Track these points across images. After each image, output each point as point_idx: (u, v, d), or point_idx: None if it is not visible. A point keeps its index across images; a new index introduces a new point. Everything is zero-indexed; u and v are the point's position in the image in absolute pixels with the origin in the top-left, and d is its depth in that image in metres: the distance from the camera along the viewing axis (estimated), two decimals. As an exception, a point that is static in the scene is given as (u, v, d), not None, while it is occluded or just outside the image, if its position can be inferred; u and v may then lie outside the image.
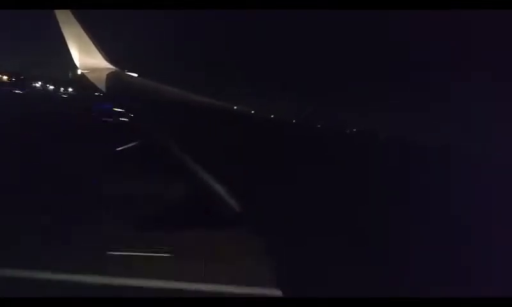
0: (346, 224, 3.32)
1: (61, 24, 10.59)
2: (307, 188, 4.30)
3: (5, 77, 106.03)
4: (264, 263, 2.99)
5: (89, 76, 11.94)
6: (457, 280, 2.56)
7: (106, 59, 11.91)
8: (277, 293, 2.35)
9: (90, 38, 11.30)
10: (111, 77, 11.63)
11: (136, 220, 12.82)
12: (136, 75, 12.66)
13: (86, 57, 11.38)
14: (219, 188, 4.23)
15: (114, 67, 12.10)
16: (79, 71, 11.67)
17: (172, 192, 12.35)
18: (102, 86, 11.91)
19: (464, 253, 2.88)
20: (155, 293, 9.34)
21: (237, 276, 10.24)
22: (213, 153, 5.82)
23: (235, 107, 11.82)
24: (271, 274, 2.61)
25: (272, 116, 12.96)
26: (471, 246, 2.97)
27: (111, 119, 34.64)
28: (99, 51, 11.66)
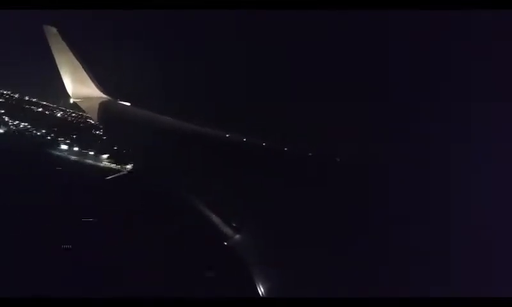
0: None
1: (53, 52, 10.71)
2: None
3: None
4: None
5: (81, 105, 11.97)
6: (457, 280, 2.53)
7: (99, 88, 11.96)
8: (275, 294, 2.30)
9: (83, 66, 11.40)
10: (103, 106, 11.66)
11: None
12: (128, 104, 12.67)
13: (78, 86, 11.44)
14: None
15: (107, 96, 12.14)
16: (71, 100, 11.70)
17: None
18: (94, 115, 11.92)
19: (464, 253, 2.86)
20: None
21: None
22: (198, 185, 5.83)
23: (227, 135, 11.82)
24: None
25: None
26: (471, 247, 2.95)
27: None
28: (92, 80, 11.72)
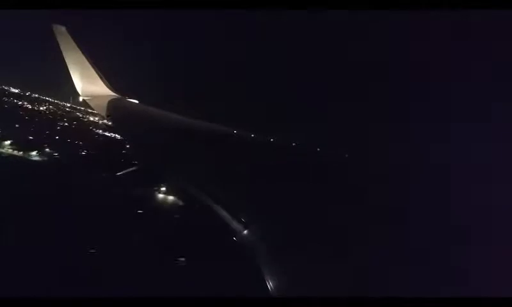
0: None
1: (63, 51, 10.84)
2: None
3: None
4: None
5: (91, 103, 12.11)
6: (457, 280, 2.56)
7: (107, 86, 12.08)
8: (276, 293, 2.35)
9: (92, 64, 11.52)
10: (112, 104, 11.77)
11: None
12: (137, 101, 12.76)
13: (87, 84, 11.57)
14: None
15: (115, 94, 12.25)
16: (81, 98, 11.85)
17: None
18: (103, 113, 12.05)
19: (463, 253, 2.89)
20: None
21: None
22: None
23: (234, 131, 11.85)
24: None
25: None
26: (470, 246, 2.98)
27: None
28: (100, 78, 11.84)
